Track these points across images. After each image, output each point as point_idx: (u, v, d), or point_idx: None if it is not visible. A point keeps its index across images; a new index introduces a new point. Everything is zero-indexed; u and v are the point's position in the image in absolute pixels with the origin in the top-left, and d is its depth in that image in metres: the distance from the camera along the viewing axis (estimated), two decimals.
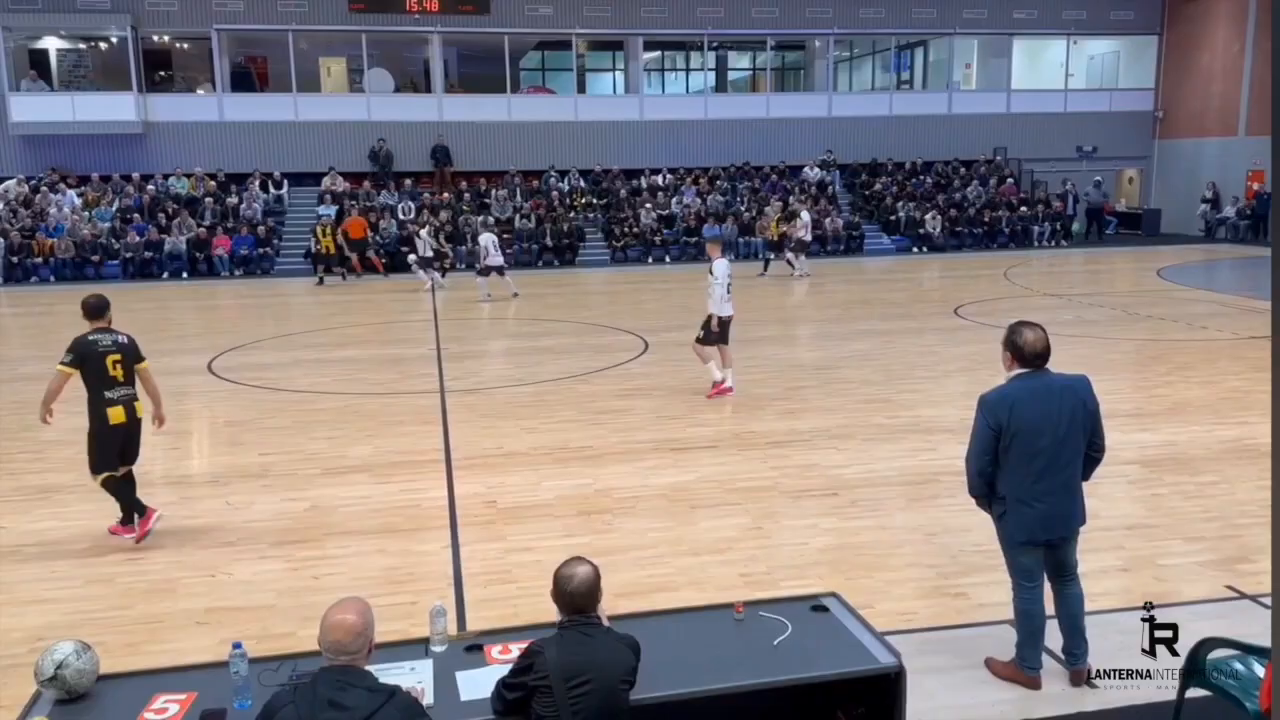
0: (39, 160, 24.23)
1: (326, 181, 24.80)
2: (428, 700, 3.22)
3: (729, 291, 9.88)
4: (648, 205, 25.01)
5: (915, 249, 25.40)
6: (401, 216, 23.96)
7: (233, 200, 24.06)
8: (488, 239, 18.20)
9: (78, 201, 23.43)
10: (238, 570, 5.96)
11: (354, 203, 24.22)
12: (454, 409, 9.89)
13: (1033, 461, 4.16)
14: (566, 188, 26.08)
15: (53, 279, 21.78)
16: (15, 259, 21.82)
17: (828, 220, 25.26)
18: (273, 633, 5.03)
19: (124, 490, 6.48)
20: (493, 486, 7.44)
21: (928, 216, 25.53)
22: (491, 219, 22.56)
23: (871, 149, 27.91)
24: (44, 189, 23.53)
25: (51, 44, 25.54)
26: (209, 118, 25.03)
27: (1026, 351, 4.19)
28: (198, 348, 13.61)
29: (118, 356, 6.29)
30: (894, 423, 9.06)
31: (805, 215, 21.95)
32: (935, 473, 7.49)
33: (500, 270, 18.06)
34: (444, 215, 23.89)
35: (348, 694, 2.78)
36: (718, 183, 26.46)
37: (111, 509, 6.75)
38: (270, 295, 20.01)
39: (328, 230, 21.27)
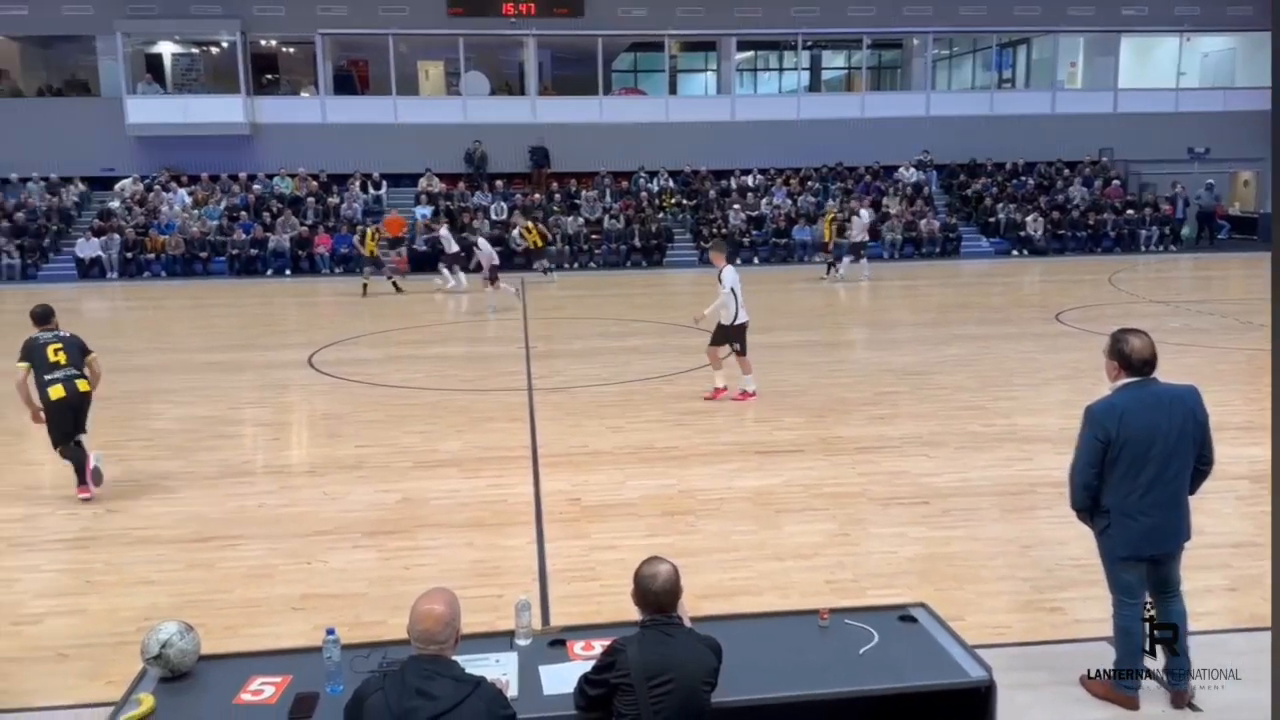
0: (153, 160, 25.37)
1: (423, 182, 25.38)
2: (511, 692, 3.26)
3: (741, 297, 9.71)
4: (736, 206, 24.91)
5: (1015, 252, 24.72)
6: (494, 217, 24.36)
7: (334, 200, 24.80)
8: (486, 245, 17.74)
9: (188, 200, 24.46)
10: (332, 559, 6.14)
11: (449, 203, 24.73)
12: (541, 407, 10.01)
13: (1140, 474, 4.00)
14: (656, 188, 26.14)
15: (164, 274, 22.79)
16: (130, 254, 22.89)
17: (923, 222, 24.77)
18: (364, 620, 5.16)
19: (78, 456, 7.34)
20: (578, 484, 7.50)
21: (1029, 219, 24.82)
22: (481, 226, 22.59)
23: (970, 149, 27.26)
24: (157, 188, 24.64)
25: (166, 49, 26.73)
26: (312, 119, 25.84)
27: (1134, 359, 4.03)
28: (299, 342, 14.07)
29: (58, 345, 7.37)
30: (989, 431, 8.82)
31: (865, 214, 21.53)
32: (1032, 483, 7.27)
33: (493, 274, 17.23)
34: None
35: (435, 683, 2.85)
36: (809, 184, 26.19)
37: (216, 496, 7.02)
38: (367, 292, 20.53)
39: (373, 234, 20.61)
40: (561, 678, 3.38)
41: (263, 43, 26.67)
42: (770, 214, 24.97)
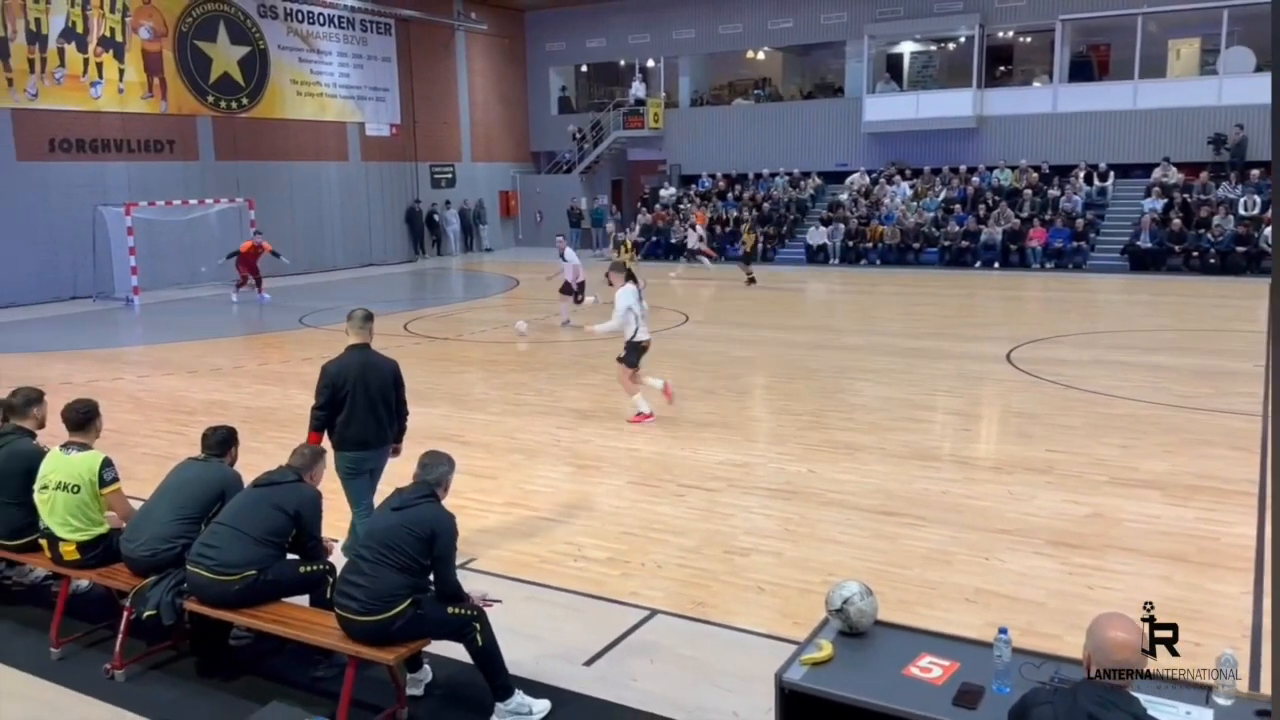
0: (881, 154, 27.21)
1: (1157, 173, 23.15)
2: None
3: (640, 318, 9.26)
4: None
5: None
6: (1243, 212, 21.19)
7: (1053, 192, 23.96)
8: (573, 256, 15.80)
9: (909, 192, 25.75)
10: (1010, 560, 5.97)
11: (1186, 195, 22.19)
12: None
13: None
14: None
15: (879, 262, 24.38)
16: (851, 243, 24.95)
17: None
18: (1038, 630, 4.92)
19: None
20: None
21: None
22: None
23: None
24: (882, 181, 26.38)
25: (906, 48, 28.31)
26: (1041, 109, 25.22)
27: None
28: (999, 336, 13.94)
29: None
30: None
31: None
32: None
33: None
34: None
35: (1110, 714, 2.64)
36: None
37: (904, 475, 7.30)
38: (1079, 290, 19.51)
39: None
40: None
41: (999, 34, 26.73)
42: None
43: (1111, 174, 24.11)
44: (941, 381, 11.21)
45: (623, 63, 32.61)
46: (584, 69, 34.05)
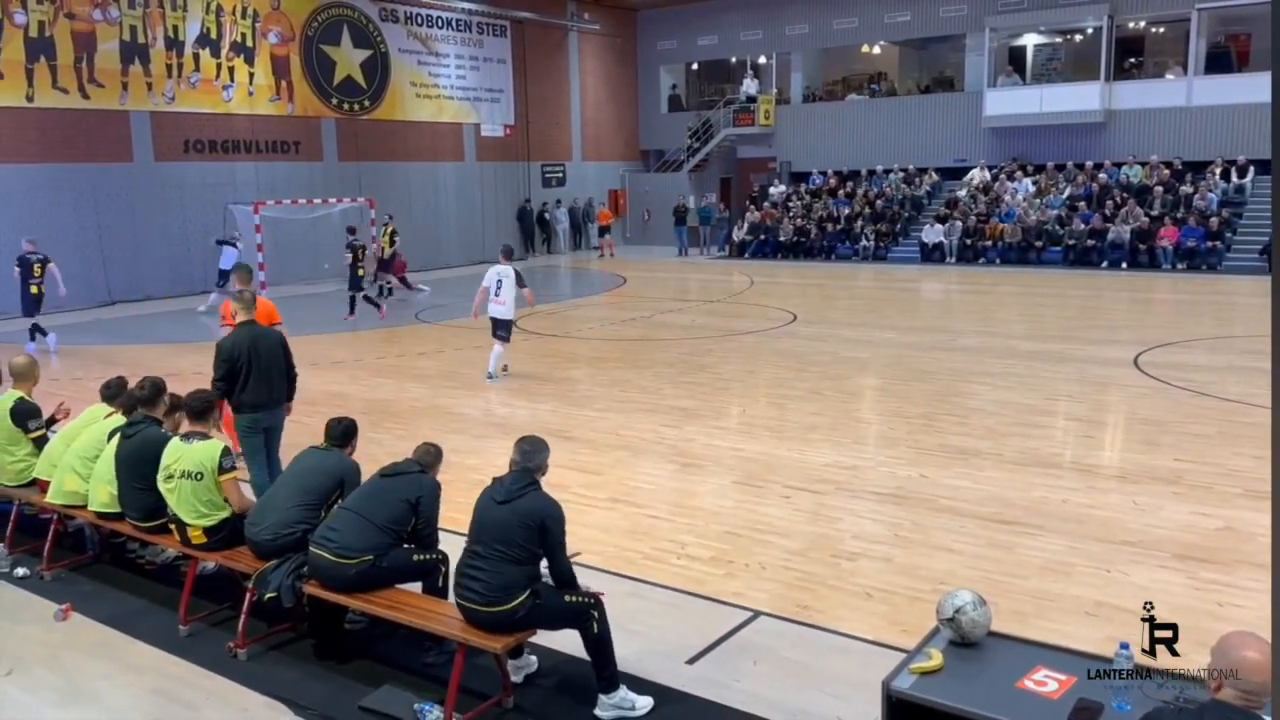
0: (1003, 150, 26.35)
1: None
2: None
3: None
4: None
5: None
6: None
7: (1186, 189, 22.79)
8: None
9: (1031, 189, 24.85)
10: (1134, 572, 5.71)
11: None
12: None
13: None
14: None
15: (998, 261, 23.60)
16: (969, 241, 24.22)
17: None
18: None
19: None
20: None
21: None
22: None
23: None
24: (1002, 177, 25.53)
25: (1029, 40, 27.32)
26: (1174, 103, 24.02)
27: None
28: (1126, 340, 13.35)
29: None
30: None
31: None
32: None
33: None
34: None
35: None
36: None
37: (1020, 482, 7.03)
38: (1214, 293, 18.52)
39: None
40: None
41: (1130, 25, 25.56)
42: None
43: (1251, 170, 22.76)
44: (1063, 386, 10.79)
45: (734, 60, 32.44)
46: (694, 67, 34.01)
